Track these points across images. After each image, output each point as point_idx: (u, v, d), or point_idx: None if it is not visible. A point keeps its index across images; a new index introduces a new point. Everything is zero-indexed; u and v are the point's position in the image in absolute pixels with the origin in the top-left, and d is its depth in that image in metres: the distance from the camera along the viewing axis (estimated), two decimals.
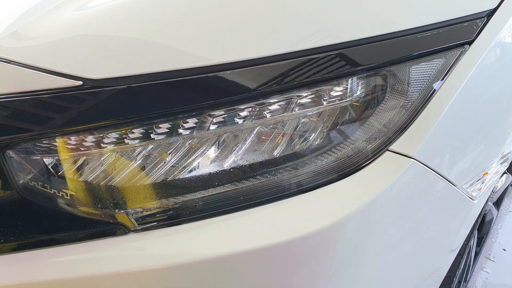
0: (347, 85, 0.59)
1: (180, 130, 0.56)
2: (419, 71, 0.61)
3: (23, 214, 0.58)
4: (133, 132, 0.55)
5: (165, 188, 0.58)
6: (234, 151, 0.59)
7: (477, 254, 1.44)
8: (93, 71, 0.53)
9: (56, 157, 0.56)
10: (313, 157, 0.60)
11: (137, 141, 0.55)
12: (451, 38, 0.63)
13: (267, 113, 0.57)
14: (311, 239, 0.55)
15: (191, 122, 0.55)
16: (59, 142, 0.55)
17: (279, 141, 0.60)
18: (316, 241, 0.55)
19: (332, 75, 0.57)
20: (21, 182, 0.57)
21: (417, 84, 0.61)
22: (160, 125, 0.55)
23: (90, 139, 0.55)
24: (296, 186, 0.59)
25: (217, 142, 0.58)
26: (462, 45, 0.64)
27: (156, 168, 0.57)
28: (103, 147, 0.55)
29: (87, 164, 0.57)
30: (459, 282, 1.22)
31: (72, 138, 0.55)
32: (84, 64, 0.54)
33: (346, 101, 0.60)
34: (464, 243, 0.97)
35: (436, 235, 0.76)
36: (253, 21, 0.57)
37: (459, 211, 0.80)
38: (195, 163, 0.58)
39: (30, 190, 0.57)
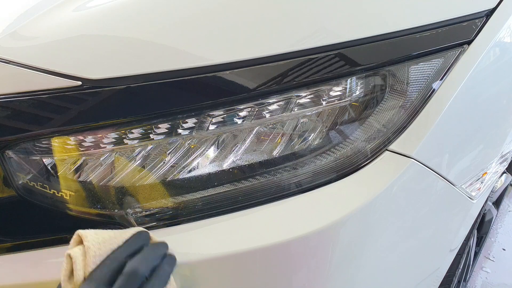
0: (346, 85, 0.59)
1: (180, 130, 0.56)
2: (418, 71, 0.61)
3: (23, 214, 0.58)
4: (132, 132, 0.55)
5: (164, 188, 0.58)
6: (233, 151, 0.59)
7: (476, 253, 1.44)
8: (92, 71, 0.53)
9: (55, 157, 0.56)
10: (312, 157, 0.60)
11: (136, 141, 0.55)
12: (450, 38, 0.63)
13: (266, 113, 0.57)
14: (311, 239, 0.55)
15: (190, 122, 0.55)
16: (58, 142, 0.55)
17: (279, 141, 0.60)
18: (315, 241, 0.55)
19: (331, 75, 0.57)
20: (20, 182, 0.57)
21: (416, 84, 0.61)
22: (160, 125, 0.55)
23: (89, 139, 0.55)
24: (295, 186, 0.59)
25: (216, 142, 0.58)
26: (461, 45, 0.64)
27: (156, 168, 0.57)
28: (102, 147, 0.55)
29: (86, 164, 0.57)
30: (459, 281, 1.22)
31: (71, 138, 0.55)
32: (83, 64, 0.54)
33: (345, 101, 0.60)
34: (463, 242, 0.97)
35: (436, 235, 0.76)
36: (252, 21, 0.57)
37: (458, 211, 0.80)
38: (195, 163, 0.58)
39: (30, 190, 0.57)
